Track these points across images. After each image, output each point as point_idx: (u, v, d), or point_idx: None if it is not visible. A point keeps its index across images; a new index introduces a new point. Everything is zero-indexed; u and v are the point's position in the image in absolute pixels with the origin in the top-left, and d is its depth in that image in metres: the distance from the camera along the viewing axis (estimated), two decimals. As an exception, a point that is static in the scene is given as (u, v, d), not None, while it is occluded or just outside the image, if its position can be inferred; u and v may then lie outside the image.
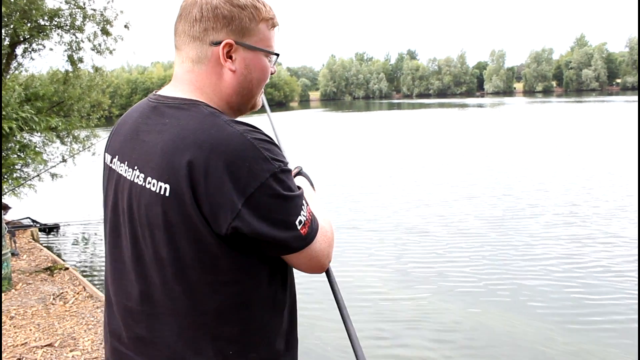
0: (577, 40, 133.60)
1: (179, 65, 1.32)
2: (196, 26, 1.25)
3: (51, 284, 7.16)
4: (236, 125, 1.15)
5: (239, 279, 1.19)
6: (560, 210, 11.48)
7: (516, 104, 73.08)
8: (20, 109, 8.79)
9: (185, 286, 1.18)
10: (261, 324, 1.24)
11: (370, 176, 17.30)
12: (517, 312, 6.59)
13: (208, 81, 1.28)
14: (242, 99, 1.33)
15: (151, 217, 1.19)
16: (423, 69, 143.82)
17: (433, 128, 36.31)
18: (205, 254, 1.16)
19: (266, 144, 1.16)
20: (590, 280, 7.49)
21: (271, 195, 1.13)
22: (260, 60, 1.31)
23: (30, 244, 9.82)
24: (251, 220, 1.12)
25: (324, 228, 1.28)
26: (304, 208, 1.20)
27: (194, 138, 1.13)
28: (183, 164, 1.12)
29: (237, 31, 1.26)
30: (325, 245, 1.27)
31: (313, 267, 1.27)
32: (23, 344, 5.12)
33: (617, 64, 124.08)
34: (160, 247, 1.18)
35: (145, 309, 1.24)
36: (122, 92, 20.04)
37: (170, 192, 1.14)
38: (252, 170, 1.11)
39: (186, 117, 1.19)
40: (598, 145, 22.01)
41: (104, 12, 11.00)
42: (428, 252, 9.05)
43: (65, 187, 14.27)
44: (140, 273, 1.24)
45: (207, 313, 1.19)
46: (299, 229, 1.18)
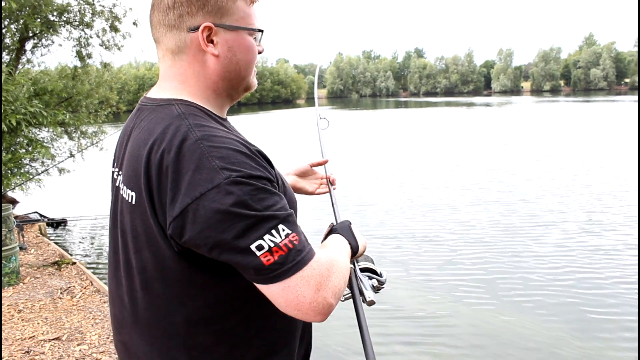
0: (586, 39, 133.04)
1: (160, 60, 1.25)
2: (170, 14, 1.17)
3: (59, 278, 7.21)
4: (196, 130, 1.07)
5: (205, 293, 1.12)
6: (571, 212, 11.40)
7: (523, 103, 72.72)
8: (29, 103, 8.83)
9: (152, 297, 1.14)
10: (241, 336, 1.17)
11: (377, 176, 17.27)
12: (527, 315, 6.54)
13: (191, 72, 1.20)
14: (230, 84, 1.24)
15: (124, 224, 1.17)
16: (430, 67, 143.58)
17: (440, 127, 36.15)
18: (166, 267, 1.10)
19: (222, 151, 1.03)
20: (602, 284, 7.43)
21: (211, 210, 0.99)
22: (244, 40, 1.21)
23: (38, 238, 9.87)
24: (187, 234, 1.02)
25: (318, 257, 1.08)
26: (276, 233, 1.02)
27: (152, 143, 1.08)
28: (142, 171, 1.08)
29: (214, 12, 1.17)
30: (313, 275, 1.05)
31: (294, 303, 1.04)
32: (31, 337, 5.16)
33: (625, 63, 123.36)
34: (130, 255, 1.16)
35: (124, 315, 1.23)
36: (130, 88, 20.11)
37: (135, 200, 1.11)
38: (193, 180, 1.01)
39: (155, 120, 1.14)
40: (607, 146, 21.86)
41: (112, 9, 11.05)
42: (435, 254, 9.01)
43: (73, 182, 14.32)
44: (118, 280, 1.23)
45: (177, 324, 1.14)
46: (259, 256, 1.00)
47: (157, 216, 1.07)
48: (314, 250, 1.09)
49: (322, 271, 1.07)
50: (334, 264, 1.13)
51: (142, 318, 1.18)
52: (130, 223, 1.14)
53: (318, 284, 1.05)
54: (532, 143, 23.62)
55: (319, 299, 1.05)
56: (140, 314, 1.18)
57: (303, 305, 1.04)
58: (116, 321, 1.28)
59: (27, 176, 10.39)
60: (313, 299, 1.04)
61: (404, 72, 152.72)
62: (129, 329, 1.22)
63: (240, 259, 1.01)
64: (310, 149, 24.43)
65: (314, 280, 1.05)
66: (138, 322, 1.19)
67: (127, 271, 1.18)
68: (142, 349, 1.19)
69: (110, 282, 1.29)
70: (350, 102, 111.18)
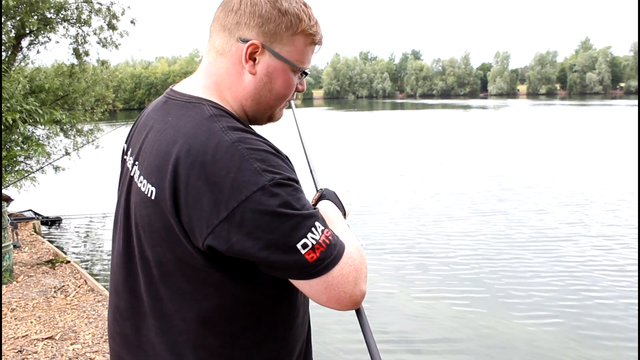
0: (582, 43, 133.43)
1: (206, 54, 1.26)
2: (230, 16, 1.18)
3: (52, 277, 7.17)
4: (231, 133, 1.07)
5: (221, 294, 1.12)
6: (566, 214, 11.45)
7: (520, 106, 72.93)
8: (24, 101, 8.79)
9: (167, 290, 1.14)
10: (248, 341, 1.17)
11: (373, 178, 17.29)
12: (526, 319, 6.55)
13: (227, 78, 1.21)
14: (257, 107, 1.24)
15: (139, 217, 1.16)
16: (427, 69, 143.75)
17: (436, 129, 36.25)
18: (184, 264, 1.10)
19: (261, 154, 1.06)
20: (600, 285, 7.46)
21: (259, 212, 1.01)
22: (284, 73, 1.21)
23: (32, 236, 9.83)
24: (234, 238, 1.02)
25: (350, 252, 1.13)
26: (315, 231, 1.06)
27: (184, 143, 1.07)
28: (169, 170, 1.06)
29: (270, 35, 1.17)
30: (350, 271, 1.11)
31: (335, 299, 1.10)
32: (24, 336, 5.12)
33: (621, 67, 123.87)
34: (146, 248, 1.15)
35: (132, 305, 1.22)
36: (126, 87, 20.06)
37: (155, 196, 1.09)
38: (237, 182, 1.01)
39: (185, 118, 1.13)
40: (602, 149, 21.98)
41: (110, 7, 11.01)
42: (432, 257, 9.02)
43: (68, 181, 14.28)
44: (129, 270, 1.22)
45: (188, 320, 1.14)
46: (303, 254, 1.04)
47: (179, 216, 1.06)
48: (343, 242, 1.14)
49: (357, 265, 1.13)
50: (362, 254, 1.19)
51: (156, 310, 1.17)
52: (147, 217, 1.13)
53: (355, 279, 1.11)
54: (529, 147, 23.72)
55: (356, 292, 1.12)
56: (154, 305, 1.17)
57: (343, 299, 1.11)
58: (118, 312, 1.27)
59: (22, 174, 10.35)
60: (352, 293, 1.11)
61: (401, 73, 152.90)
62: (137, 319, 1.21)
63: (288, 259, 1.04)
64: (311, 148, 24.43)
65: (352, 276, 1.11)
66: (151, 314, 1.18)
67: (142, 263, 1.17)
68: (151, 342, 1.19)
69: (118, 273, 1.26)
70: (346, 103, 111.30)
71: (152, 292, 1.16)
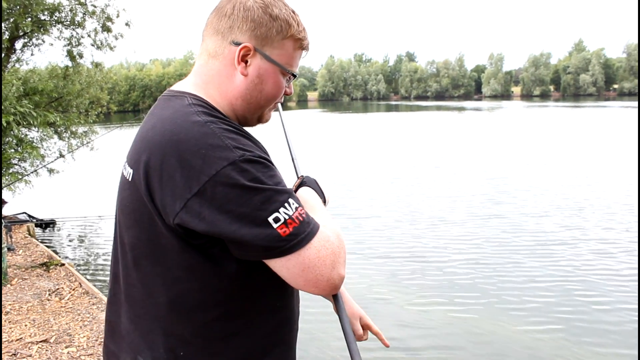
0: (575, 45, 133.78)
1: (198, 57, 1.31)
2: (223, 21, 1.23)
3: (47, 280, 7.15)
4: (204, 116, 1.12)
5: (190, 277, 1.12)
6: (563, 218, 11.49)
7: (514, 107, 73.10)
8: (18, 103, 8.77)
9: (140, 274, 1.17)
10: (217, 333, 1.16)
11: (368, 181, 17.30)
12: (523, 323, 6.57)
13: (217, 78, 1.25)
14: (247, 107, 1.28)
15: (120, 201, 1.22)
16: (421, 71, 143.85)
17: (431, 131, 36.30)
18: (156, 245, 1.12)
19: (232, 134, 1.10)
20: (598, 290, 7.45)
21: (229, 185, 1.03)
22: (274, 75, 1.27)
23: (27, 239, 9.79)
24: (203, 212, 1.04)
25: (327, 235, 1.13)
26: (287, 207, 1.08)
27: (161, 126, 1.12)
28: (145, 151, 1.11)
29: (261, 38, 1.23)
30: (327, 254, 1.10)
31: (312, 281, 1.10)
32: (18, 339, 5.10)
33: (614, 69, 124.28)
34: (123, 231, 1.20)
35: (115, 293, 1.27)
36: (120, 89, 19.98)
37: (132, 177, 1.15)
38: (208, 158, 1.04)
39: (167, 108, 1.19)
40: (597, 151, 22.05)
41: (105, 9, 10.99)
42: (426, 262, 9.03)
43: (63, 183, 14.24)
44: (115, 257, 1.27)
45: (159, 305, 1.15)
46: (275, 228, 1.05)
47: (152, 194, 1.09)
48: (318, 223, 1.14)
49: (334, 249, 1.13)
50: (341, 239, 1.18)
51: (130, 295, 1.20)
52: (126, 200, 1.18)
53: (333, 262, 1.11)
54: (524, 149, 23.77)
55: (334, 275, 1.12)
56: (128, 290, 1.20)
57: (321, 282, 1.11)
58: (109, 300, 1.31)
59: (16, 176, 10.31)
60: (330, 276, 1.11)
61: (395, 75, 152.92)
62: (117, 306, 1.25)
63: (258, 232, 1.05)
64: (305, 150, 24.44)
65: (330, 259, 1.11)
66: (126, 300, 1.21)
67: (122, 248, 1.22)
68: (127, 328, 1.22)
69: (111, 261, 1.33)
70: (341, 105, 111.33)
71: (127, 277, 1.20)
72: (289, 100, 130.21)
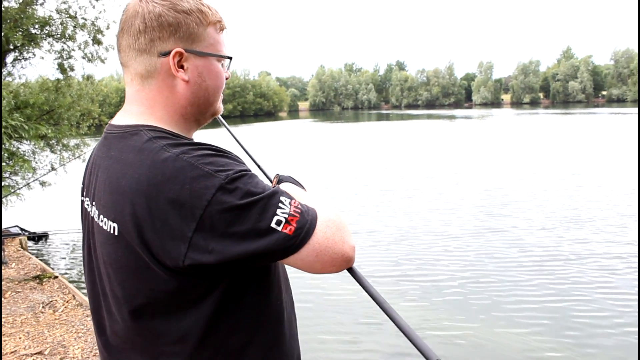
0: (564, 52, 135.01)
1: (128, 84, 1.25)
2: (141, 38, 1.17)
3: (40, 293, 7.14)
4: (173, 149, 1.08)
5: (203, 305, 1.12)
6: (553, 221, 11.59)
7: (504, 115, 73.52)
8: (9, 117, 8.77)
9: (144, 322, 1.15)
10: (234, 344, 1.17)
11: (359, 191, 17.34)
12: (522, 328, 6.61)
13: (160, 97, 1.22)
14: (198, 109, 1.25)
15: (105, 256, 1.16)
16: (412, 80, 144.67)
17: (423, 140, 36.40)
18: (157, 291, 1.10)
19: (207, 158, 1.07)
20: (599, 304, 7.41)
21: (225, 210, 1.03)
22: (213, 66, 1.24)
23: (19, 252, 9.77)
24: (210, 244, 1.03)
25: (326, 215, 1.16)
26: (282, 205, 1.08)
27: (132, 172, 1.08)
28: (126, 203, 1.07)
29: (186, 38, 1.19)
30: (333, 232, 1.14)
31: (329, 262, 1.14)
32: (12, 352, 5.10)
33: (602, 76, 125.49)
34: (115, 285, 1.16)
35: (115, 343, 1.23)
36: (112, 101, 20.01)
37: (119, 232, 1.10)
38: (194, 191, 1.02)
39: (127, 149, 1.14)
40: (590, 158, 22.19)
41: (95, 22, 11.02)
42: (419, 266, 9.08)
43: (55, 196, 14.19)
44: (107, 308, 1.22)
45: (172, 343, 1.14)
46: (281, 230, 1.06)
47: (147, 245, 1.06)
48: (313, 207, 1.17)
49: (338, 224, 1.16)
50: (338, 213, 1.21)
51: (136, 343, 1.18)
52: (114, 254, 1.13)
53: (341, 237, 1.15)
54: (517, 157, 23.87)
55: (346, 248, 1.15)
56: (133, 340, 1.18)
57: (337, 260, 1.14)
58: (106, 349, 1.28)
59: (8, 190, 10.29)
60: (343, 251, 1.15)
61: (386, 84, 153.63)
62: (121, 355, 1.23)
63: (268, 241, 1.06)
64: (296, 160, 24.45)
65: (338, 236, 1.14)
66: (131, 348, 1.19)
67: (115, 301, 1.17)
68: None
69: (98, 313, 1.27)
70: (332, 114, 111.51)
71: (128, 327, 1.17)
72: (279, 110, 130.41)
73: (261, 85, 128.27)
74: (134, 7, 1.19)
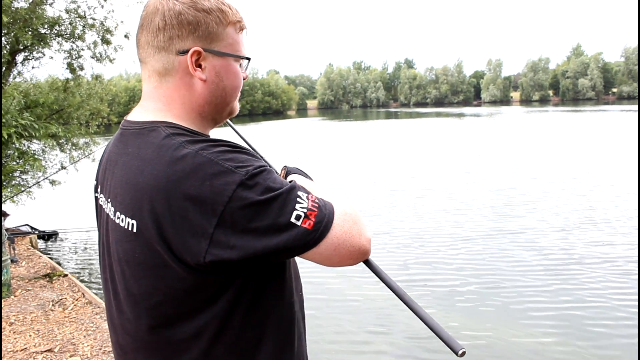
0: (574, 49, 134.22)
1: (145, 81, 1.25)
2: (160, 35, 1.17)
3: (50, 291, 7.19)
4: (191, 145, 1.07)
5: (218, 303, 1.12)
6: (567, 222, 11.50)
7: (513, 113, 73.17)
8: (19, 116, 8.84)
9: (159, 320, 1.14)
10: (248, 340, 1.17)
11: (368, 186, 17.32)
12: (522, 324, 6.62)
13: (177, 94, 1.21)
14: (215, 108, 1.25)
15: (121, 253, 1.15)
16: (420, 78, 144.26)
17: (432, 139, 36.28)
18: (177, 289, 1.10)
19: (226, 155, 1.07)
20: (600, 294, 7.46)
21: (246, 206, 1.03)
22: (231, 66, 1.23)
23: (29, 250, 9.84)
24: (231, 240, 1.03)
25: (342, 208, 1.17)
26: (300, 200, 1.09)
27: (151, 169, 1.07)
28: (145, 199, 1.06)
29: (205, 37, 1.18)
30: (350, 225, 1.14)
31: (346, 256, 1.14)
32: (23, 349, 5.15)
33: (613, 73, 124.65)
34: (131, 283, 1.15)
35: (127, 342, 1.23)
36: (120, 100, 20.06)
37: (137, 228, 1.09)
38: (216, 187, 1.02)
39: (145, 145, 1.13)
40: (598, 155, 22.08)
41: (104, 22, 11.09)
42: (427, 265, 9.06)
43: (64, 194, 14.28)
44: (118, 307, 1.22)
45: (186, 341, 1.14)
46: (300, 224, 1.07)
47: (167, 241, 1.06)
48: (329, 201, 1.17)
49: (354, 218, 1.17)
50: (352, 205, 1.22)
51: (148, 342, 1.18)
52: (131, 251, 1.13)
53: (358, 230, 1.15)
54: (527, 156, 23.73)
55: (363, 241, 1.16)
56: (146, 339, 1.18)
57: (354, 253, 1.15)
58: (120, 348, 1.28)
59: (19, 188, 10.37)
60: (360, 244, 1.15)
61: (394, 82, 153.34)
62: (134, 354, 1.23)
63: (288, 236, 1.06)
64: (305, 158, 24.47)
65: (355, 229, 1.15)
66: (143, 347, 1.19)
67: (130, 299, 1.17)
68: None
69: (110, 311, 1.28)
70: (340, 113, 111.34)
71: (141, 326, 1.17)
72: (288, 109, 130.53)
73: (270, 84, 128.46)
74: (154, 4, 1.19)
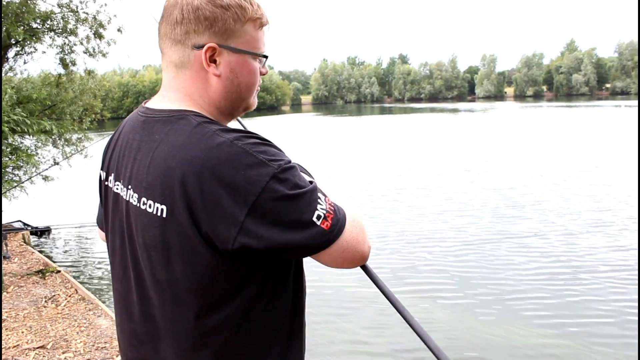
0: (567, 45, 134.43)
1: (164, 70, 1.27)
2: (177, 29, 1.18)
3: (43, 287, 7.16)
4: (225, 134, 1.09)
5: (241, 294, 1.14)
6: (568, 221, 11.47)
7: (507, 108, 73.27)
8: (12, 111, 8.77)
9: (185, 308, 1.14)
10: (265, 333, 1.19)
11: (364, 186, 17.32)
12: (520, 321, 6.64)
13: (194, 87, 1.22)
14: (231, 104, 1.25)
15: (148, 239, 1.15)
16: (414, 73, 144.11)
17: (426, 134, 36.35)
18: (204, 276, 1.11)
19: (260, 147, 1.09)
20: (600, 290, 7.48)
21: (276, 198, 1.05)
22: (247, 63, 1.23)
23: (22, 247, 9.80)
24: (259, 230, 1.05)
25: (351, 214, 1.20)
26: (321, 201, 1.12)
27: (184, 154, 1.08)
28: (177, 184, 1.07)
29: (221, 33, 1.18)
30: (357, 232, 1.19)
31: (350, 259, 1.19)
32: (15, 346, 5.12)
33: (606, 69, 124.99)
34: (158, 269, 1.15)
35: (148, 330, 1.23)
36: (114, 96, 19.97)
37: (167, 213, 1.10)
38: (250, 178, 1.04)
39: (175, 132, 1.13)
40: (595, 152, 22.11)
41: (96, 16, 11.00)
42: (421, 260, 9.07)
43: (57, 190, 14.24)
44: (141, 294, 1.22)
45: (209, 333, 1.15)
46: (319, 224, 1.10)
47: (199, 226, 1.07)
48: (341, 206, 1.21)
49: (361, 225, 1.22)
50: (359, 212, 1.27)
51: (173, 330, 1.18)
52: (160, 236, 1.12)
53: (363, 237, 1.21)
54: (522, 151, 23.76)
55: (365, 248, 1.22)
56: (170, 327, 1.18)
57: (357, 258, 1.20)
58: (135, 337, 1.27)
59: (11, 184, 10.31)
60: (363, 250, 1.21)
61: (389, 78, 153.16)
62: (156, 342, 1.22)
63: (309, 234, 1.09)
64: (300, 154, 24.42)
65: (361, 236, 1.20)
66: (166, 335, 1.19)
67: (155, 285, 1.17)
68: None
69: (129, 298, 1.27)
70: (335, 108, 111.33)
71: (167, 313, 1.17)
72: (282, 104, 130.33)
73: (264, 79, 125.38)
74: None
